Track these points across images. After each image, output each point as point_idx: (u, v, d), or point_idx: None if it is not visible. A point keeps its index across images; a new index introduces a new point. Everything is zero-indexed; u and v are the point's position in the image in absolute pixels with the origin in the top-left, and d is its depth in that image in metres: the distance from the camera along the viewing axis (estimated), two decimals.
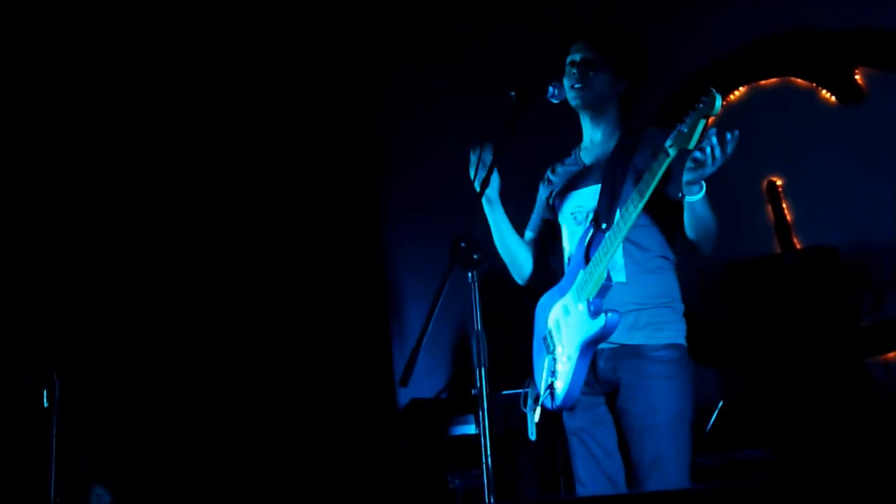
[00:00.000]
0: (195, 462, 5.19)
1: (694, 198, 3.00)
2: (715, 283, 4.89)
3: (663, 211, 3.17)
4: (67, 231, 5.16)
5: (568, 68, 3.36)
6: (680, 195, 3.01)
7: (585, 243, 3.23)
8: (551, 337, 3.34)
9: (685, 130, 2.83)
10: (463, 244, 2.80)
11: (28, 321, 4.94)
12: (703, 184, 2.98)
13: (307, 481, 5.39)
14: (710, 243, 3.15)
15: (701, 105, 2.78)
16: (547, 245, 3.55)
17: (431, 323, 2.77)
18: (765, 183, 5.19)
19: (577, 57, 3.35)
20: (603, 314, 3.10)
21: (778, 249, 5.10)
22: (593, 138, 3.45)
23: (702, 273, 3.63)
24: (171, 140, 5.46)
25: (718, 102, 2.75)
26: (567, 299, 3.27)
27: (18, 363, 4.76)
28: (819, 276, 4.84)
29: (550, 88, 3.18)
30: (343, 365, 5.58)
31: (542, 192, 3.60)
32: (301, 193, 5.70)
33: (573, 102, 3.36)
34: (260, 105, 5.64)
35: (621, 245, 3.16)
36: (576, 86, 3.32)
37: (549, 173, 3.58)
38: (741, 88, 5.25)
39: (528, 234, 3.60)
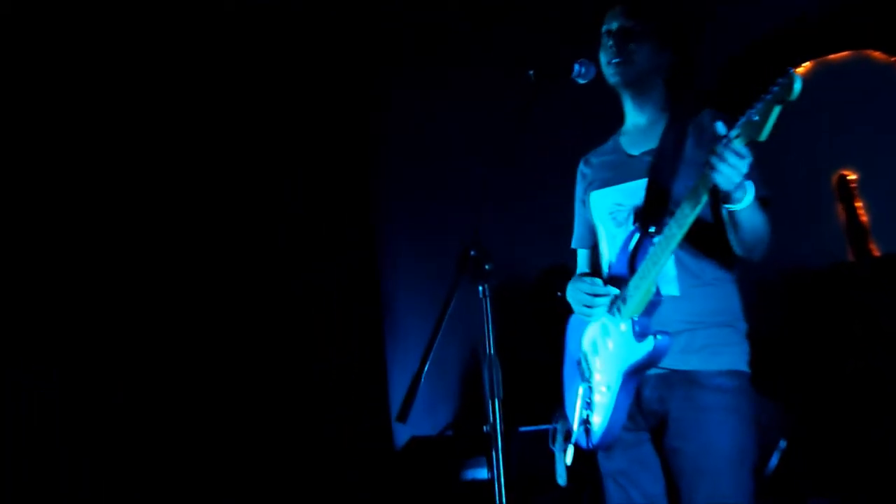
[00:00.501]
0: (195, 462, 5.68)
1: (738, 206, 2.92)
2: (775, 297, 4.86)
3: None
4: (67, 231, 5.60)
5: (604, 40, 3.34)
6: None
7: (630, 249, 3.18)
8: (587, 361, 3.31)
9: (756, 118, 2.73)
10: (473, 253, 2.78)
11: (28, 321, 5.40)
12: (750, 187, 2.91)
13: (307, 481, 5.91)
14: (762, 248, 3.11)
15: (776, 88, 2.68)
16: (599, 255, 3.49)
17: (434, 347, 2.75)
18: (835, 178, 5.13)
19: (613, 26, 3.32)
20: (651, 336, 3.06)
21: (851, 257, 5.05)
22: (636, 123, 3.41)
23: (759, 285, 3.56)
24: (171, 140, 5.97)
25: (798, 86, 2.65)
26: (606, 316, 3.23)
27: (18, 363, 5.28)
28: None
29: (576, 66, 3.11)
30: (343, 365, 6.19)
31: (579, 191, 3.55)
32: (301, 193, 6.31)
33: (611, 80, 3.33)
34: (260, 105, 6.21)
35: (673, 255, 3.11)
36: (614, 60, 3.29)
37: (581, 165, 3.54)
38: (806, 64, 5.17)
39: (582, 252, 3.57)
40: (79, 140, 5.73)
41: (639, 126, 3.39)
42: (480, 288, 2.78)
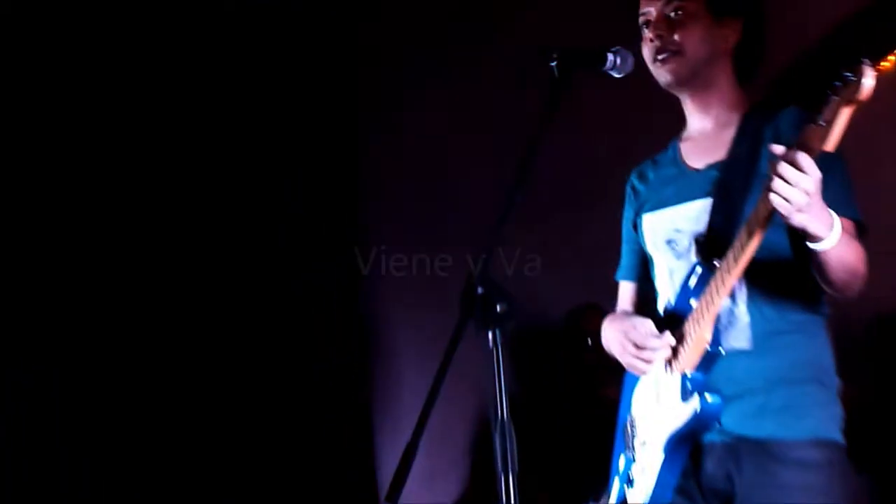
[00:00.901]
0: (195, 462, 6.28)
1: (821, 245, 2.82)
2: (867, 344, 4.86)
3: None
4: (66, 231, 6.17)
5: (643, 32, 3.26)
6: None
7: (692, 288, 3.09)
8: (633, 427, 3.26)
9: (823, 124, 2.65)
10: (480, 290, 2.64)
11: (28, 321, 5.98)
12: (836, 221, 2.80)
13: (307, 481, 6.48)
14: (858, 284, 2.99)
15: (839, 84, 2.61)
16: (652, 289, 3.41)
17: (433, 409, 2.66)
18: None
19: (650, 10, 3.23)
20: (696, 395, 2.99)
21: None
22: (701, 127, 3.31)
23: (847, 329, 3.52)
24: (172, 140, 6.53)
25: (869, 82, 2.57)
26: (659, 370, 3.16)
27: (18, 363, 5.88)
28: None
29: (610, 56, 2.97)
30: (343, 365, 6.85)
31: (628, 211, 3.47)
32: (301, 193, 6.97)
33: (662, 81, 3.24)
34: (260, 105, 6.78)
35: (744, 296, 3.04)
36: (659, 57, 3.20)
37: (633, 179, 3.46)
38: None
39: (626, 285, 3.50)
40: (78, 140, 6.23)
41: (704, 131, 3.29)
42: (491, 334, 2.63)
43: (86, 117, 6.25)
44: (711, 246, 3.07)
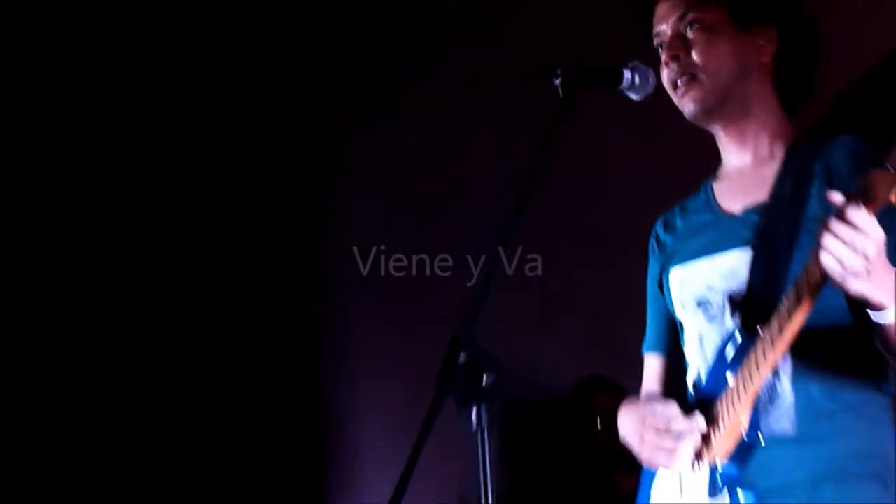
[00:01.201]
0: (195, 462, 6.80)
1: (886, 316, 2.64)
2: None
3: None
4: (67, 231, 6.68)
5: (660, 54, 3.09)
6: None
7: (729, 359, 2.90)
8: None
9: (891, 169, 2.48)
10: (464, 356, 2.55)
11: (28, 321, 6.48)
12: None
13: (307, 481, 7.13)
14: None
15: None
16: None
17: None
18: None
19: (663, 29, 3.07)
20: (727, 492, 2.87)
21: None
22: (739, 163, 3.11)
23: None
24: (171, 140, 7.10)
25: None
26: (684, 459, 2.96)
27: (18, 363, 6.37)
28: None
29: (626, 74, 2.85)
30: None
31: (653, 268, 3.27)
32: (301, 193, 7.55)
33: (686, 112, 3.05)
34: (260, 105, 7.38)
35: (789, 369, 2.86)
36: (679, 81, 3.02)
37: (658, 228, 3.28)
38: None
39: (653, 359, 3.29)
40: (77, 140, 6.76)
41: (741, 168, 3.10)
42: (475, 411, 2.54)
43: (85, 117, 6.73)
44: (751, 308, 2.90)
